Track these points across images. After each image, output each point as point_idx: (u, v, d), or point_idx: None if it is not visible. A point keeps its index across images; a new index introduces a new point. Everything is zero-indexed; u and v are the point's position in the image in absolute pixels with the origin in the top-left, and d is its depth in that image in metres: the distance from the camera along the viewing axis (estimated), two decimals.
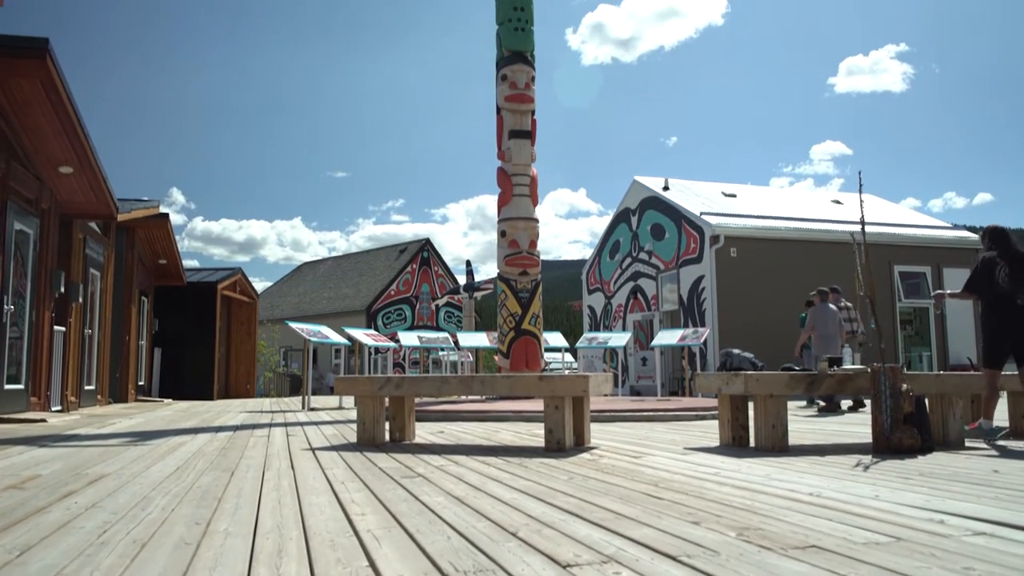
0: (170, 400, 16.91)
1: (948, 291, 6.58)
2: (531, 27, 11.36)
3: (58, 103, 8.27)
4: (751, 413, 5.01)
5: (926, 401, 4.98)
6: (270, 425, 7.63)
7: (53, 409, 10.18)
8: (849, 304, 11.85)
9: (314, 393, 28.83)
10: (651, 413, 8.18)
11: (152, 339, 18.50)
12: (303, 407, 11.78)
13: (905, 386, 4.63)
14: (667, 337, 15.38)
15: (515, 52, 11.21)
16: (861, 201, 5.80)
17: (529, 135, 11.21)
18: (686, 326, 18.62)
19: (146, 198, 14.71)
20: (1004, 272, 5.89)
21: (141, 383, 17.04)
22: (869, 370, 4.82)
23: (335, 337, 13.48)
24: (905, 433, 4.52)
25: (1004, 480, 3.37)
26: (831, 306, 11.22)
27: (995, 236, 6.08)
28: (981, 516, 2.44)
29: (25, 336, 9.26)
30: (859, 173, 5.88)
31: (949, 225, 23.50)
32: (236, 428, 7.20)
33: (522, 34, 11.26)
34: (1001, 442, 5.26)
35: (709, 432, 6.17)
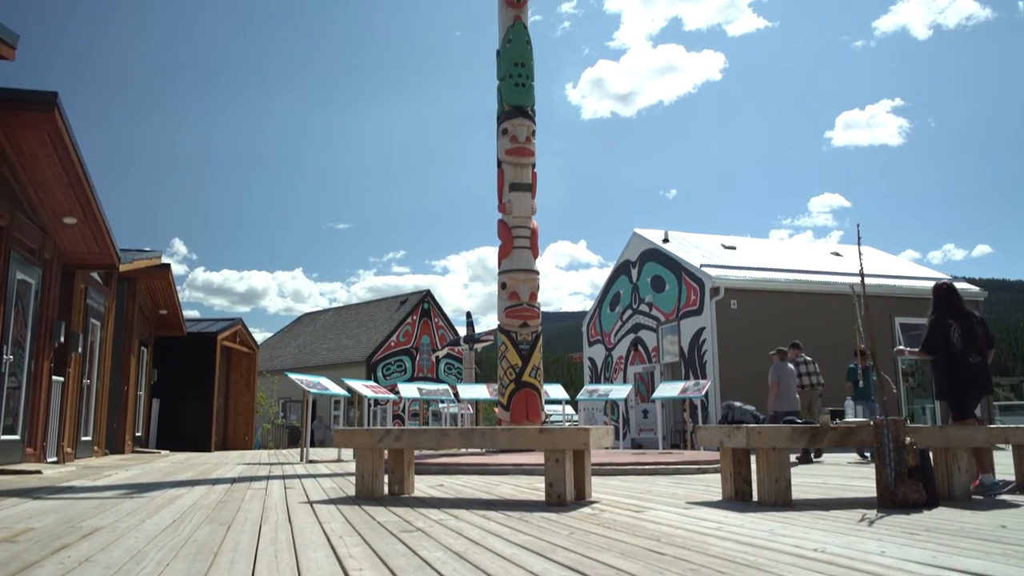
0: (167, 452, 16.75)
1: (908, 349, 6.77)
2: (531, 82, 11.55)
3: (64, 155, 8.37)
4: (754, 467, 4.96)
5: (930, 454, 4.93)
6: (268, 478, 7.55)
7: (49, 460, 10.08)
8: (809, 358, 12.67)
9: (321, 443, 28.59)
10: (653, 466, 8.09)
11: (151, 389, 18.40)
12: (301, 459, 11.66)
13: (909, 439, 4.59)
14: (668, 389, 15.30)
15: (516, 107, 11.37)
16: (860, 253, 5.83)
17: (530, 188, 11.31)
18: (687, 378, 18.53)
19: (148, 248, 14.78)
20: (957, 333, 6.18)
21: (138, 434, 16.90)
22: (872, 423, 4.79)
23: (334, 388, 13.41)
24: (910, 487, 4.46)
25: (1013, 536, 3.32)
26: (789, 364, 12.38)
27: (945, 296, 6.36)
28: (990, 573, 2.40)
29: (23, 386, 9.22)
30: (857, 226, 5.93)
31: (949, 277, 23.57)
32: (233, 480, 7.12)
33: (523, 89, 11.44)
34: (1007, 496, 5.19)
35: (712, 486, 6.10)
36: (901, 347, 6.97)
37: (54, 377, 10.29)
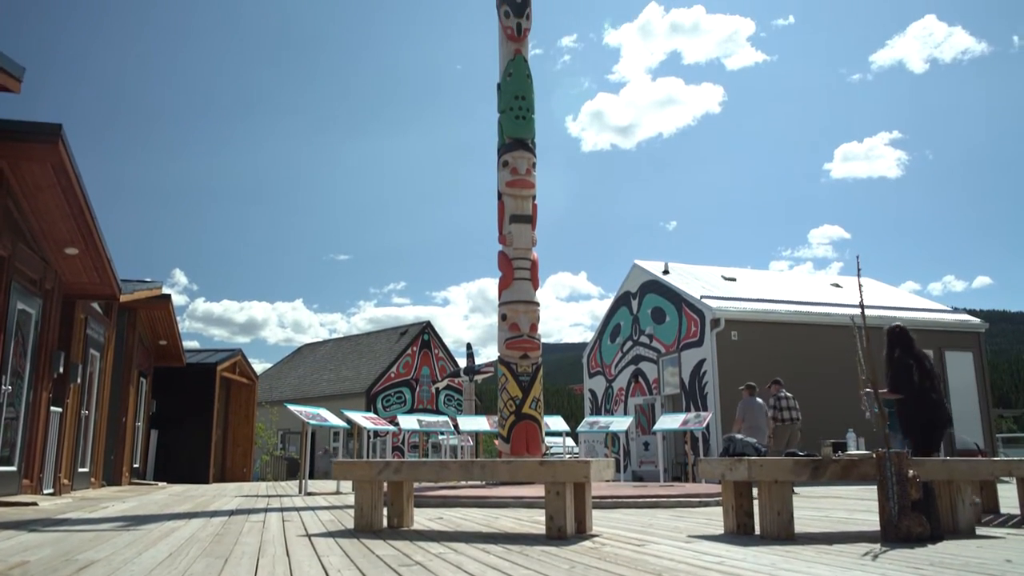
0: (165, 483, 16.62)
1: (880, 390, 6.96)
2: (532, 115, 11.65)
3: (67, 186, 8.42)
4: (756, 499, 4.92)
5: (934, 487, 4.90)
6: (266, 510, 7.49)
7: (45, 492, 10.00)
8: (789, 395, 12.95)
9: (326, 474, 28.32)
10: (654, 499, 8.03)
11: (149, 420, 18.31)
12: (300, 492, 11.57)
13: (912, 472, 4.56)
14: (669, 421, 15.22)
15: (516, 139, 11.46)
16: (860, 285, 5.84)
17: (530, 220, 11.36)
18: (688, 410, 18.45)
19: (149, 279, 14.82)
20: (917, 372, 6.61)
21: (136, 465, 16.79)
22: (874, 455, 4.76)
23: (334, 420, 13.35)
24: (914, 521, 4.42)
25: (1018, 571, 3.28)
26: (757, 399, 13.17)
27: (899, 338, 6.80)
28: None
29: (21, 417, 9.18)
30: (857, 257, 5.94)
31: (949, 308, 23.56)
32: (231, 513, 7.06)
33: (523, 122, 11.53)
34: (1013, 530, 5.15)
35: (713, 519, 6.05)
36: (868, 389, 7.24)
37: (52, 408, 10.25)
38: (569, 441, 25.40)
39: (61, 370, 10.34)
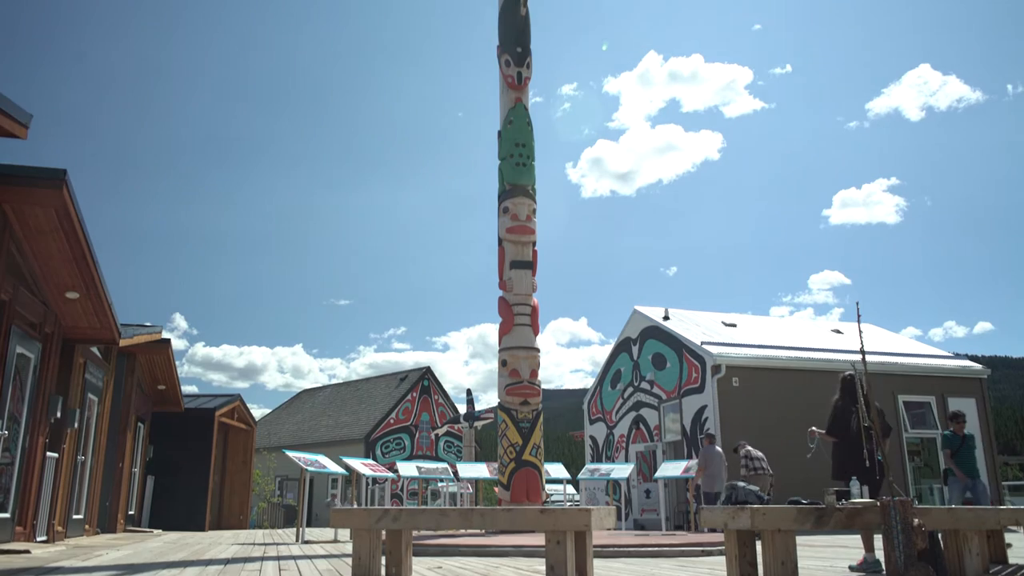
0: (160, 531, 16.40)
1: (817, 430, 7.41)
2: (532, 162, 11.77)
3: (70, 231, 8.47)
4: (759, 549, 4.85)
5: (940, 536, 4.83)
6: (262, 559, 7.38)
7: (38, 539, 9.86)
8: (761, 455, 13.87)
9: (325, 522, 27.93)
10: (656, 548, 7.92)
11: (145, 466, 18.14)
12: (297, 539, 11.42)
13: (917, 521, 4.50)
14: (671, 469, 15.08)
15: (517, 186, 11.56)
16: (860, 331, 5.85)
17: (530, 266, 11.40)
18: (690, 457, 18.28)
19: (149, 323, 14.80)
20: (856, 420, 6.85)
21: (131, 512, 16.58)
22: (879, 503, 4.70)
23: (332, 467, 13.23)
24: (920, 570, 4.35)
25: None
26: (717, 448, 14.34)
27: (849, 386, 7.19)
28: None
29: (17, 462, 9.09)
30: (856, 304, 5.96)
31: (951, 354, 23.49)
32: (227, 562, 6.95)
33: (524, 168, 11.64)
34: None
35: (716, 569, 5.95)
36: (813, 428, 7.83)
37: (48, 453, 10.16)
38: (570, 488, 25.22)
39: (58, 415, 10.27)
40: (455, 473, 16.41)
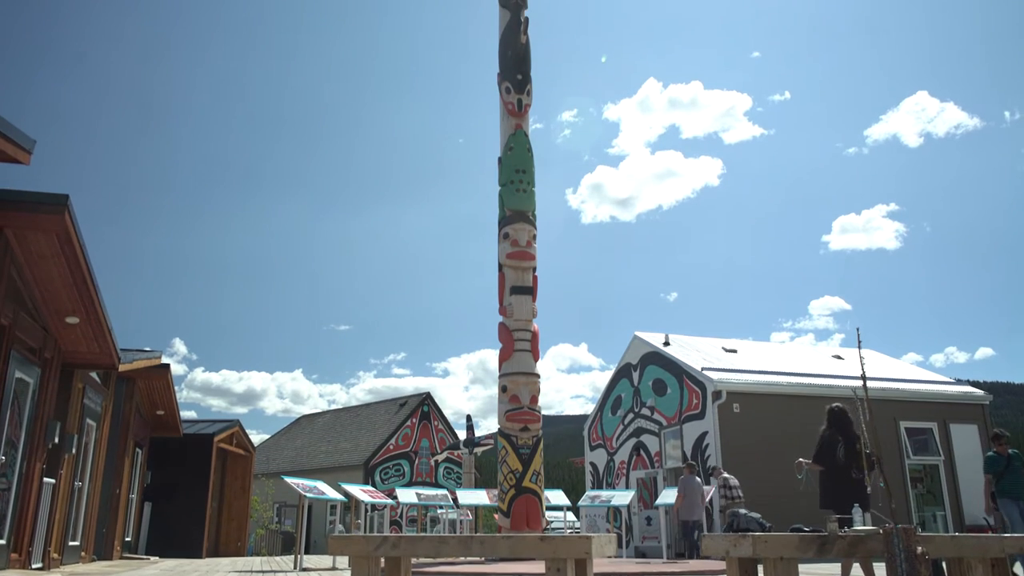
0: (156, 558, 16.26)
1: (804, 461, 7.72)
2: (532, 188, 11.82)
3: (71, 256, 8.48)
4: None
5: (943, 565, 4.79)
6: None
7: (34, 566, 9.77)
8: (737, 483, 14.56)
9: (324, 549, 27.67)
10: None
11: (143, 492, 18.02)
12: (295, 567, 11.32)
13: (920, 548, 4.46)
14: (672, 496, 14.97)
15: (517, 211, 11.59)
16: (861, 358, 5.83)
17: (530, 291, 11.40)
18: (718, 484, 18.19)
19: (148, 348, 14.78)
20: (842, 450, 7.13)
21: (128, 539, 16.45)
22: (881, 531, 4.67)
23: (331, 493, 13.15)
24: None
25: None
26: (696, 478, 14.76)
27: (837, 417, 7.51)
28: None
29: (13, 488, 9.03)
30: (857, 330, 5.95)
31: (952, 380, 23.42)
32: None
33: (524, 195, 11.69)
34: None
35: None
36: (800, 460, 8.12)
37: (45, 479, 10.10)
38: (570, 515, 25.05)
39: (56, 440, 10.23)
40: (455, 500, 16.30)
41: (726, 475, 14.70)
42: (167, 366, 15.47)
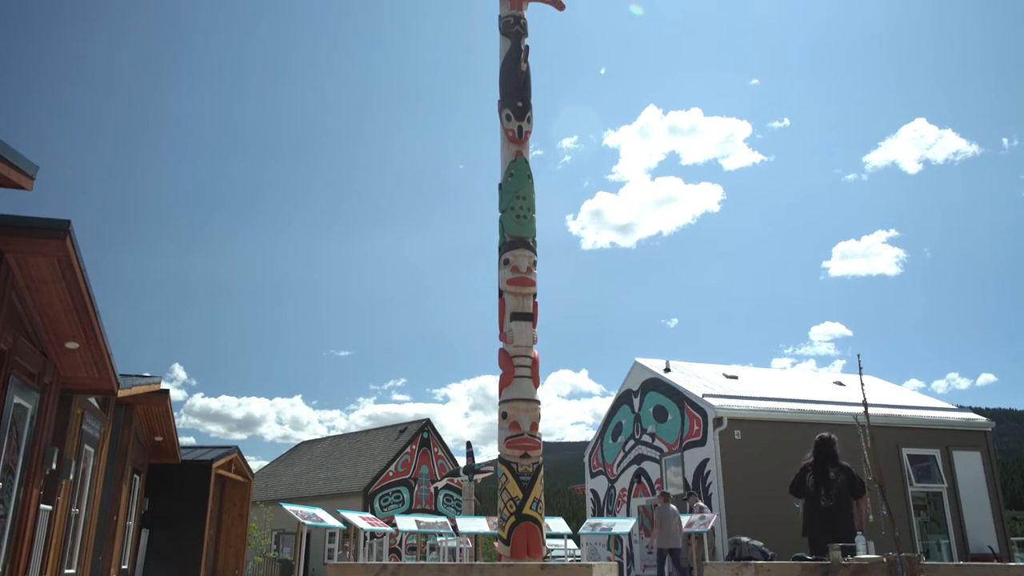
0: None
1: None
2: (533, 215, 11.85)
3: (72, 281, 8.50)
4: None
5: None
6: None
7: None
8: (703, 505, 15.42)
9: None
10: None
11: (140, 519, 17.89)
12: None
13: None
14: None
15: (517, 238, 11.61)
16: (862, 384, 5.82)
17: (531, 317, 11.38)
18: (692, 512, 18.05)
19: (148, 374, 14.74)
20: (811, 479, 7.26)
21: (124, 567, 16.29)
22: (885, 560, 4.63)
23: (330, 520, 13.06)
24: None
25: None
26: (672, 507, 14.82)
27: (817, 447, 7.67)
28: None
29: (10, 515, 8.97)
30: (858, 356, 5.96)
31: (955, 407, 23.34)
32: None
33: (524, 221, 11.71)
34: None
35: None
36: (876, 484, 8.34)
37: (42, 506, 10.03)
38: (571, 543, 24.87)
39: (54, 466, 10.17)
40: (454, 527, 16.18)
41: (700, 502, 15.06)
42: (166, 392, 15.43)
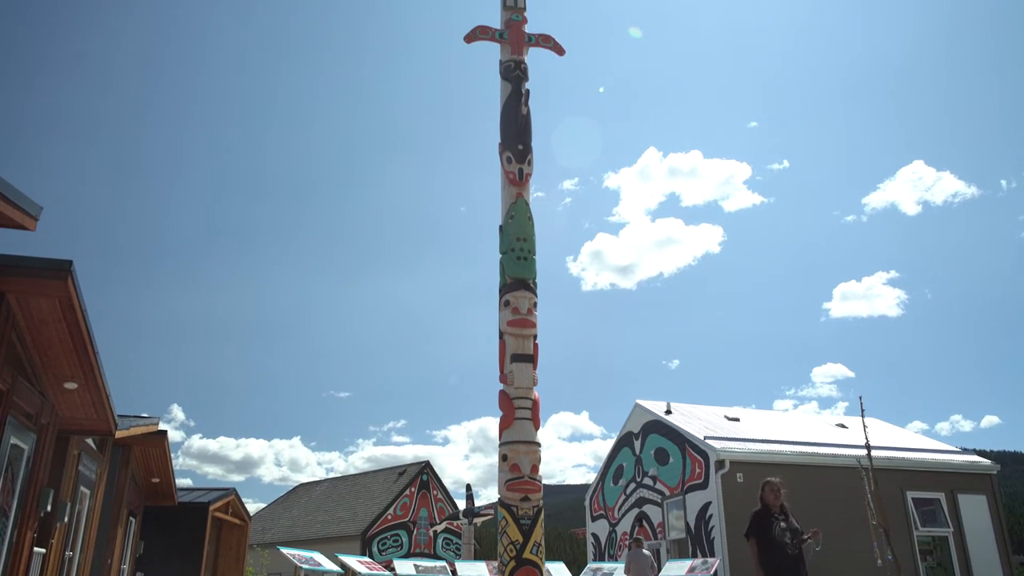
0: None
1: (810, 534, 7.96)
2: (533, 256, 11.89)
3: (73, 322, 8.50)
4: None
5: None
6: None
7: None
8: (647, 553, 15.23)
9: None
10: None
11: (135, 562, 17.64)
12: None
13: None
14: (675, 568, 14.70)
15: (518, 279, 11.64)
16: (865, 426, 5.80)
17: (531, 359, 11.36)
18: (694, 555, 17.80)
19: (146, 415, 14.66)
20: (780, 525, 7.38)
21: None
22: None
23: (328, 564, 12.89)
24: None
25: None
26: (644, 551, 15.07)
27: (775, 492, 8.04)
28: None
29: (2, 557, 8.86)
30: (860, 398, 5.97)
31: (959, 449, 23.16)
32: None
33: (524, 263, 11.75)
34: None
35: None
36: (815, 531, 8.47)
37: (35, 548, 9.91)
38: None
39: (49, 508, 10.07)
40: (454, 571, 15.95)
41: (645, 551, 15.33)
42: (164, 433, 15.33)
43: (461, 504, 26.09)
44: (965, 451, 23.04)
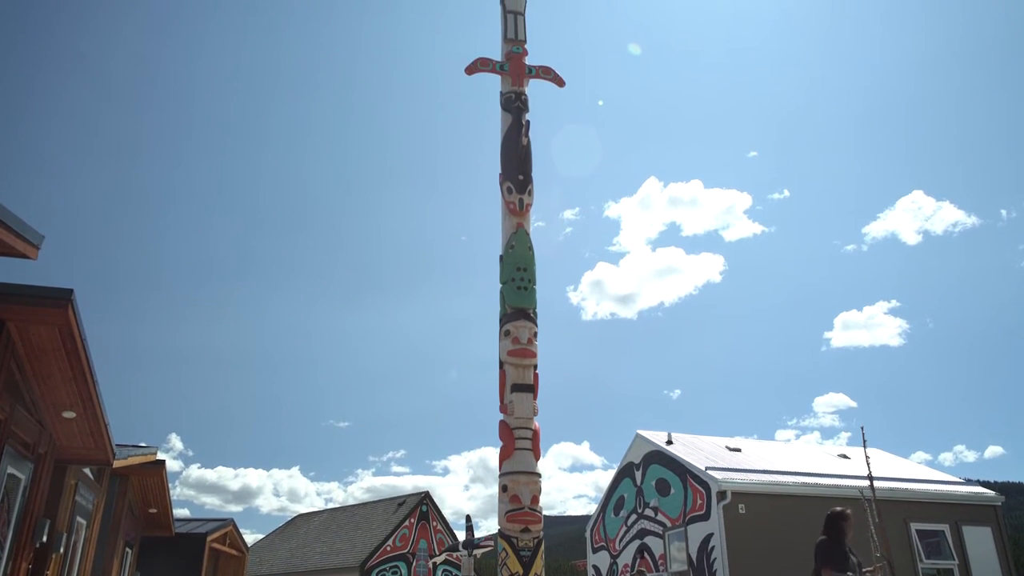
0: None
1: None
2: (533, 286, 11.90)
3: (72, 350, 8.49)
4: None
5: None
6: None
7: None
8: None
9: None
10: None
11: None
12: None
13: None
14: None
15: (518, 309, 11.63)
16: (867, 457, 5.76)
17: (532, 389, 11.31)
18: None
19: (144, 444, 14.58)
20: (852, 559, 7.19)
21: None
22: None
23: None
24: None
25: None
26: None
27: (847, 521, 7.83)
28: None
29: None
30: (862, 429, 5.92)
31: (962, 480, 22.96)
32: None
33: (525, 292, 11.75)
34: None
35: None
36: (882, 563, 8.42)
37: None
38: None
39: (44, 539, 9.98)
40: None
41: None
42: (162, 463, 15.23)
43: (461, 535, 25.84)
44: (969, 482, 22.85)
